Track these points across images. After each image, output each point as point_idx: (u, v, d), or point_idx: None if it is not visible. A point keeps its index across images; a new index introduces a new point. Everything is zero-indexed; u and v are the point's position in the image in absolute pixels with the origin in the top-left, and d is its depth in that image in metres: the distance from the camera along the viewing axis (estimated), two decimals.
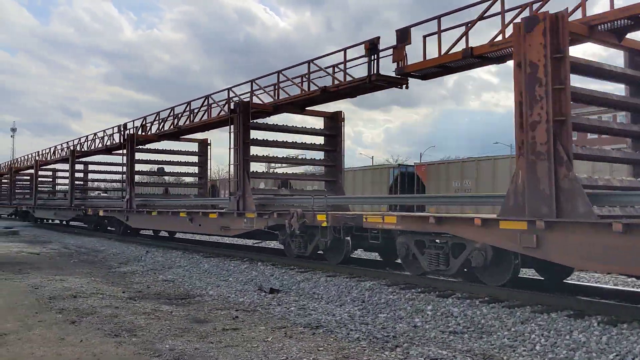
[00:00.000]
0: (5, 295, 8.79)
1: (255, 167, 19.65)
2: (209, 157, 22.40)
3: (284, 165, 37.83)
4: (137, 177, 21.66)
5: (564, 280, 9.24)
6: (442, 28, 9.89)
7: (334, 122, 15.37)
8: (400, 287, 9.02)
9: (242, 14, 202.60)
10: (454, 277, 9.00)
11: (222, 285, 10.34)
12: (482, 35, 9.60)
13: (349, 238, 10.79)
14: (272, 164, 44.06)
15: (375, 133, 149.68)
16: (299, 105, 14.41)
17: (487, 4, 9.25)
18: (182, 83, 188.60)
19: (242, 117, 13.66)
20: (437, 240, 9.00)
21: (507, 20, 9.00)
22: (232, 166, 14.02)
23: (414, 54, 11.99)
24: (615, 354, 5.59)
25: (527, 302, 7.58)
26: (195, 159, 22.51)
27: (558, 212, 7.26)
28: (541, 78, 7.52)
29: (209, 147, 22.28)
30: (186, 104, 18.46)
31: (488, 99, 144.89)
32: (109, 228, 23.75)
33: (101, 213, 22.22)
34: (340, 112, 15.35)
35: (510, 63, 8.28)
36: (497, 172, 23.04)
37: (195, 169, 22.87)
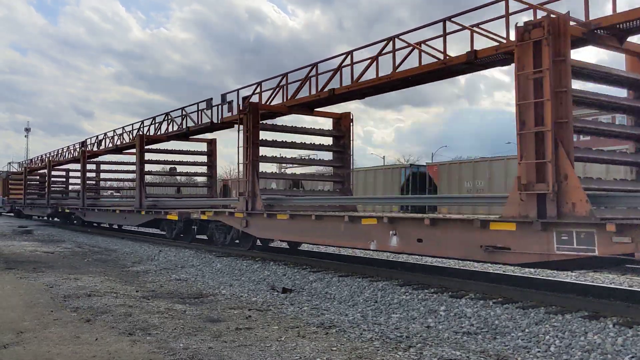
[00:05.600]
0: (21, 294, 8.89)
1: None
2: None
3: (294, 165, 37.81)
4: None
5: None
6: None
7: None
8: (413, 287, 9.01)
9: (253, 13, 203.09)
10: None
11: (234, 284, 10.38)
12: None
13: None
14: (284, 165, 44.17)
15: (386, 132, 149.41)
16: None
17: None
18: (194, 83, 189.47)
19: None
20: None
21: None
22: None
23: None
24: (631, 356, 5.55)
25: (541, 302, 7.54)
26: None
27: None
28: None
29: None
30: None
31: (500, 98, 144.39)
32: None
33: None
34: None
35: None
36: (509, 172, 22.89)
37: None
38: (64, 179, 35.36)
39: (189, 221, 16.86)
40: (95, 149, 27.04)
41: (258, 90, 15.04)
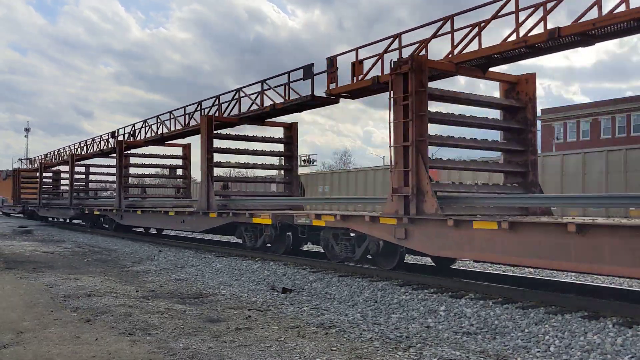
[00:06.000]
0: (21, 294, 8.90)
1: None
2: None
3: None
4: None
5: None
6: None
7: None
8: (412, 287, 9.01)
9: (252, 13, 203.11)
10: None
11: (234, 284, 10.39)
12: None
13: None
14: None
15: (386, 132, 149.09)
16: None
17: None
18: (193, 83, 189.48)
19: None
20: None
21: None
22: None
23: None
24: (631, 356, 5.55)
25: (541, 302, 7.54)
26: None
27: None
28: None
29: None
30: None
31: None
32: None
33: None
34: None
35: None
36: None
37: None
38: (84, 176, 31.35)
39: (286, 227, 13.10)
40: (126, 140, 22.97)
41: (395, 45, 11.06)
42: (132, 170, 25.29)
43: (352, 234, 11.00)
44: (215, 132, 16.38)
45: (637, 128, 45.80)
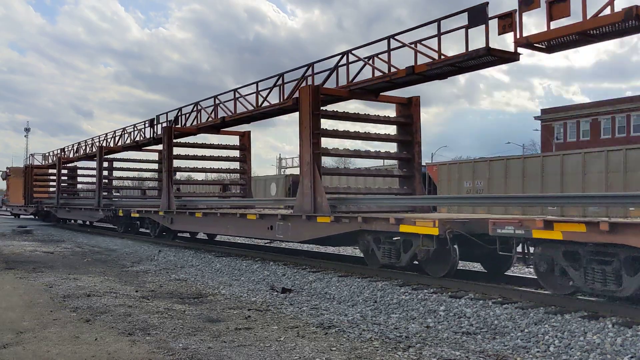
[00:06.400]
0: (21, 294, 8.90)
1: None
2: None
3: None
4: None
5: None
6: None
7: None
8: (412, 287, 9.01)
9: (252, 13, 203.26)
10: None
11: (234, 284, 10.39)
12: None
13: None
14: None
15: (385, 132, 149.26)
16: None
17: None
18: (193, 82, 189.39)
19: None
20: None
21: None
22: None
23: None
24: (630, 356, 5.54)
25: (541, 302, 7.54)
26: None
27: None
28: None
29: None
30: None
31: (499, 97, 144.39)
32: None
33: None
34: None
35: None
36: (509, 173, 22.92)
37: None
38: (106, 172, 26.65)
39: (455, 239, 8.83)
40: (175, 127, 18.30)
41: None
42: (179, 163, 19.09)
43: (588, 251, 7.10)
44: (324, 109, 12.01)
45: (637, 128, 45.80)
